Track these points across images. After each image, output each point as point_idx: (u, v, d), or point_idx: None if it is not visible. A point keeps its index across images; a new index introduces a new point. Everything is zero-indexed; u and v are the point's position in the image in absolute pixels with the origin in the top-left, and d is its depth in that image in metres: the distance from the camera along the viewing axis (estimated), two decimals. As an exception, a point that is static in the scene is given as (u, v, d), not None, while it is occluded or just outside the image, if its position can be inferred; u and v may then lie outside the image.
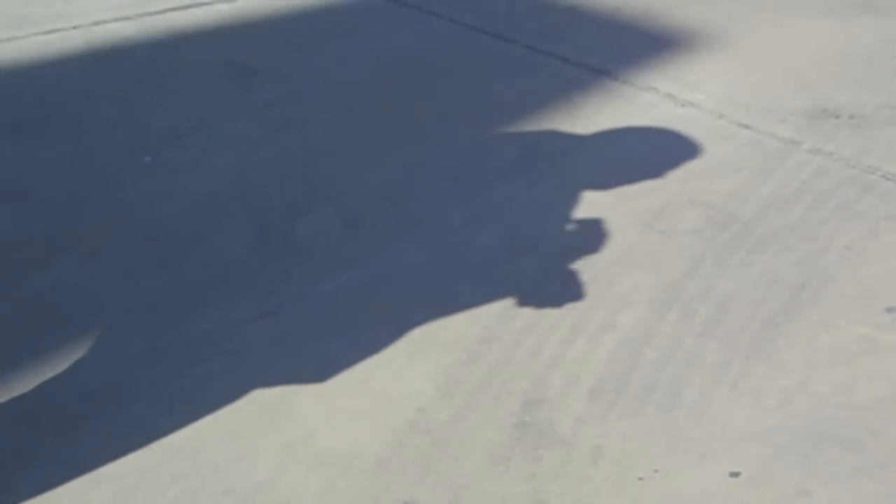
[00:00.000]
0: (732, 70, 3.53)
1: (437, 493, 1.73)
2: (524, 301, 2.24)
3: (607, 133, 3.07)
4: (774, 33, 3.87)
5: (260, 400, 1.95)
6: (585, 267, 2.37)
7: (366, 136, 3.05)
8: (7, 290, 2.30)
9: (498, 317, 2.19)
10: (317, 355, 2.07)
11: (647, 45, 3.77)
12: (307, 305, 2.24)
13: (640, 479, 1.76)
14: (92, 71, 3.49)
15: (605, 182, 2.75)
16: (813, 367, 2.04)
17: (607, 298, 2.25)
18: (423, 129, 3.10)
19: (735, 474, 1.77)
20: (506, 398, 1.95)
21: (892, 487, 1.75)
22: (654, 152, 2.97)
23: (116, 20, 3.94)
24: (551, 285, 2.30)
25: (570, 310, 2.21)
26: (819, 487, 1.75)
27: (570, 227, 2.54)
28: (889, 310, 2.22)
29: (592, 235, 2.50)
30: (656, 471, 1.78)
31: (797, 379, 2.01)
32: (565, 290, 2.28)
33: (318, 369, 2.03)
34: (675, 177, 2.79)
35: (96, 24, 3.90)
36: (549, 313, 2.20)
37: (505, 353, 2.07)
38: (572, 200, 2.66)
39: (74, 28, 3.85)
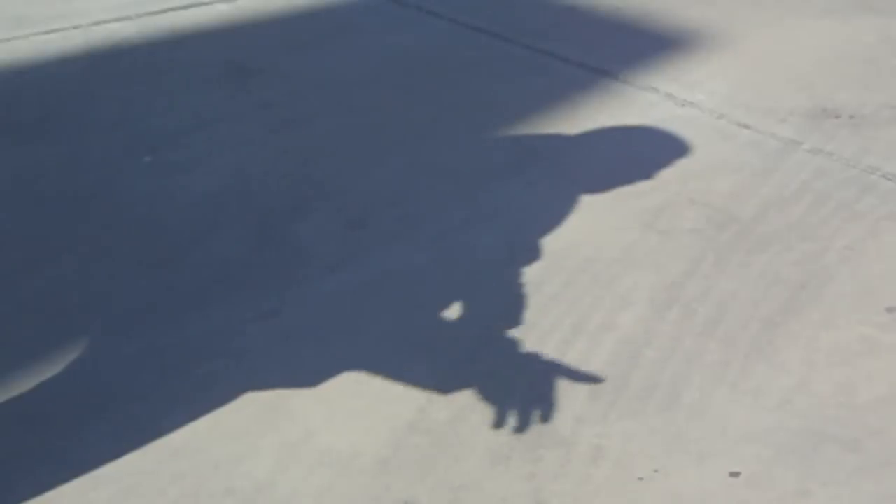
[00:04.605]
0: (732, 70, 3.53)
1: (437, 493, 1.73)
2: (524, 301, 2.24)
3: (607, 133, 3.07)
4: (774, 33, 3.87)
5: (260, 400, 1.95)
6: (585, 267, 2.37)
7: (366, 136, 3.05)
8: (7, 290, 2.30)
9: (498, 317, 2.19)
10: (317, 355, 2.07)
11: (647, 45, 3.77)
12: (307, 305, 2.24)
13: (640, 479, 1.76)
14: (92, 71, 3.49)
15: (604, 182, 2.75)
16: (813, 367, 2.04)
17: (607, 298, 2.25)
18: (423, 129, 3.10)
19: (735, 474, 1.77)
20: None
21: (892, 487, 1.75)
22: (654, 152, 2.97)
23: (116, 20, 3.94)
24: (551, 285, 2.30)
25: (570, 310, 2.21)
26: (819, 487, 1.75)
27: (569, 227, 2.54)
28: (889, 310, 2.22)
29: (592, 235, 2.50)
30: (656, 471, 1.78)
31: (797, 379, 2.01)
32: (565, 290, 2.28)
33: (319, 369, 2.03)
34: (675, 177, 2.79)
35: (96, 24, 3.90)
36: (549, 313, 2.20)
37: (505, 354, 2.07)
38: (572, 200, 2.65)
39: (74, 28, 3.85)
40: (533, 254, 2.43)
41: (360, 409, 1.93)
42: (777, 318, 2.19)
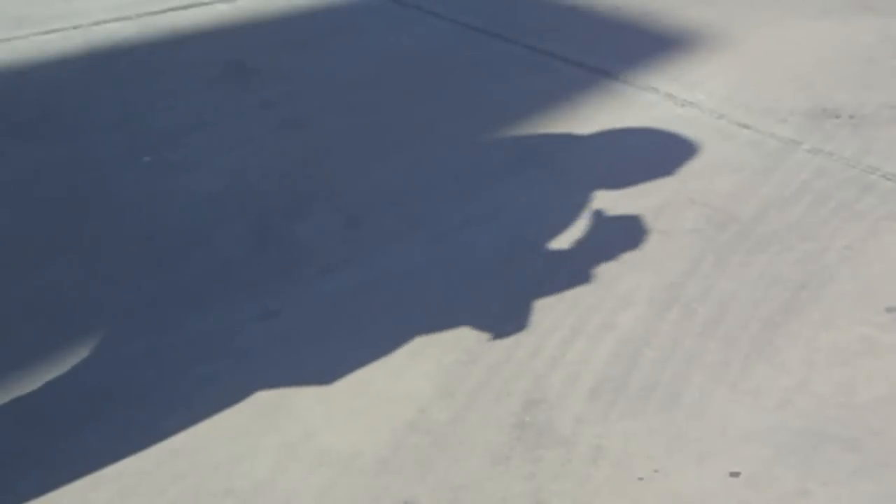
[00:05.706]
0: (732, 70, 3.53)
1: (437, 493, 1.73)
2: (524, 301, 2.24)
3: (607, 133, 3.07)
4: (774, 33, 3.87)
5: (260, 400, 1.95)
6: (585, 267, 2.37)
7: (366, 136, 3.05)
8: (7, 290, 2.30)
9: (498, 317, 2.19)
10: (317, 355, 2.07)
11: (647, 45, 3.77)
12: (307, 305, 2.24)
13: (640, 479, 1.76)
14: (92, 71, 3.49)
15: (604, 182, 2.75)
16: (813, 367, 2.04)
17: (607, 298, 2.25)
18: (423, 129, 3.10)
19: (735, 474, 1.77)
20: (506, 398, 1.95)
21: (892, 487, 1.75)
22: (653, 152, 2.97)
23: (116, 20, 3.94)
24: (551, 285, 2.30)
25: (570, 310, 2.21)
26: (819, 487, 1.75)
27: (569, 227, 2.54)
28: (889, 310, 2.22)
29: (592, 235, 2.50)
30: (656, 471, 1.78)
31: (797, 379, 2.01)
32: (565, 291, 2.28)
33: (319, 369, 2.03)
34: (675, 177, 2.79)
35: (96, 24, 3.90)
36: (549, 313, 2.20)
37: (505, 353, 2.07)
38: (572, 200, 2.66)
39: (74, 28, 3.85)
40: (533, 254, 2.43)
41: (360, 409, 1.93)
42: (777, 318, 2.19)
